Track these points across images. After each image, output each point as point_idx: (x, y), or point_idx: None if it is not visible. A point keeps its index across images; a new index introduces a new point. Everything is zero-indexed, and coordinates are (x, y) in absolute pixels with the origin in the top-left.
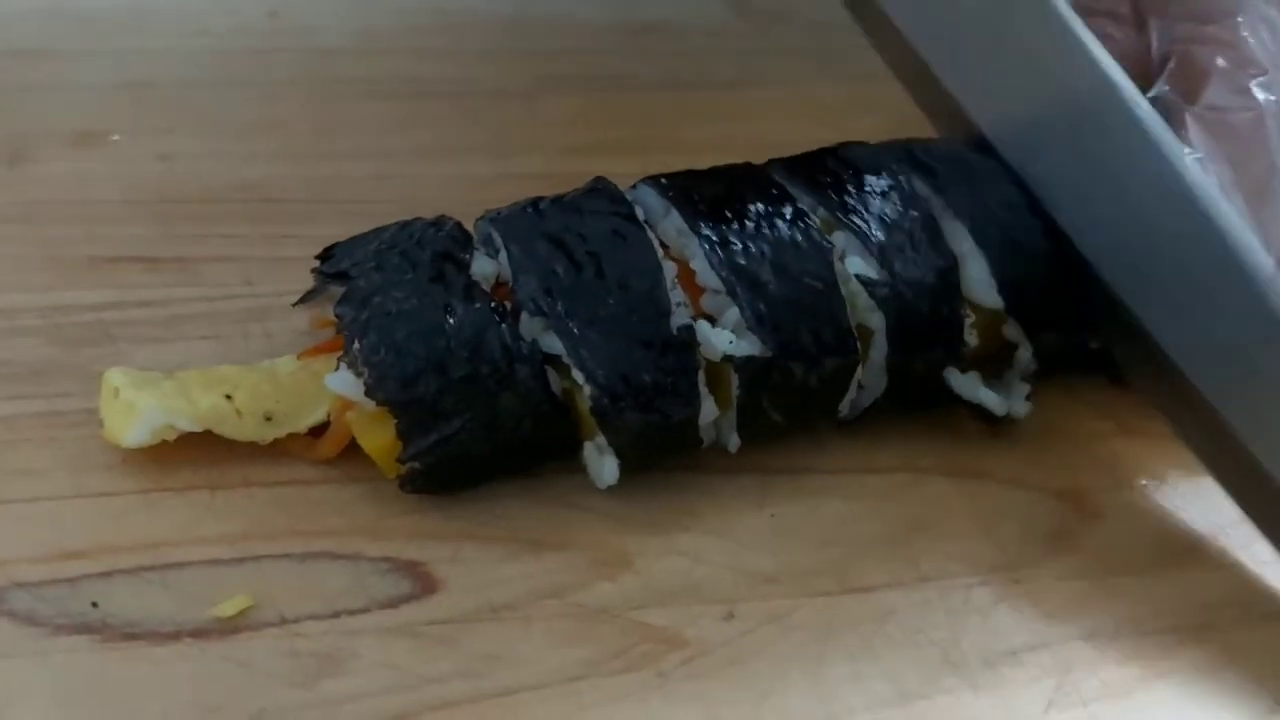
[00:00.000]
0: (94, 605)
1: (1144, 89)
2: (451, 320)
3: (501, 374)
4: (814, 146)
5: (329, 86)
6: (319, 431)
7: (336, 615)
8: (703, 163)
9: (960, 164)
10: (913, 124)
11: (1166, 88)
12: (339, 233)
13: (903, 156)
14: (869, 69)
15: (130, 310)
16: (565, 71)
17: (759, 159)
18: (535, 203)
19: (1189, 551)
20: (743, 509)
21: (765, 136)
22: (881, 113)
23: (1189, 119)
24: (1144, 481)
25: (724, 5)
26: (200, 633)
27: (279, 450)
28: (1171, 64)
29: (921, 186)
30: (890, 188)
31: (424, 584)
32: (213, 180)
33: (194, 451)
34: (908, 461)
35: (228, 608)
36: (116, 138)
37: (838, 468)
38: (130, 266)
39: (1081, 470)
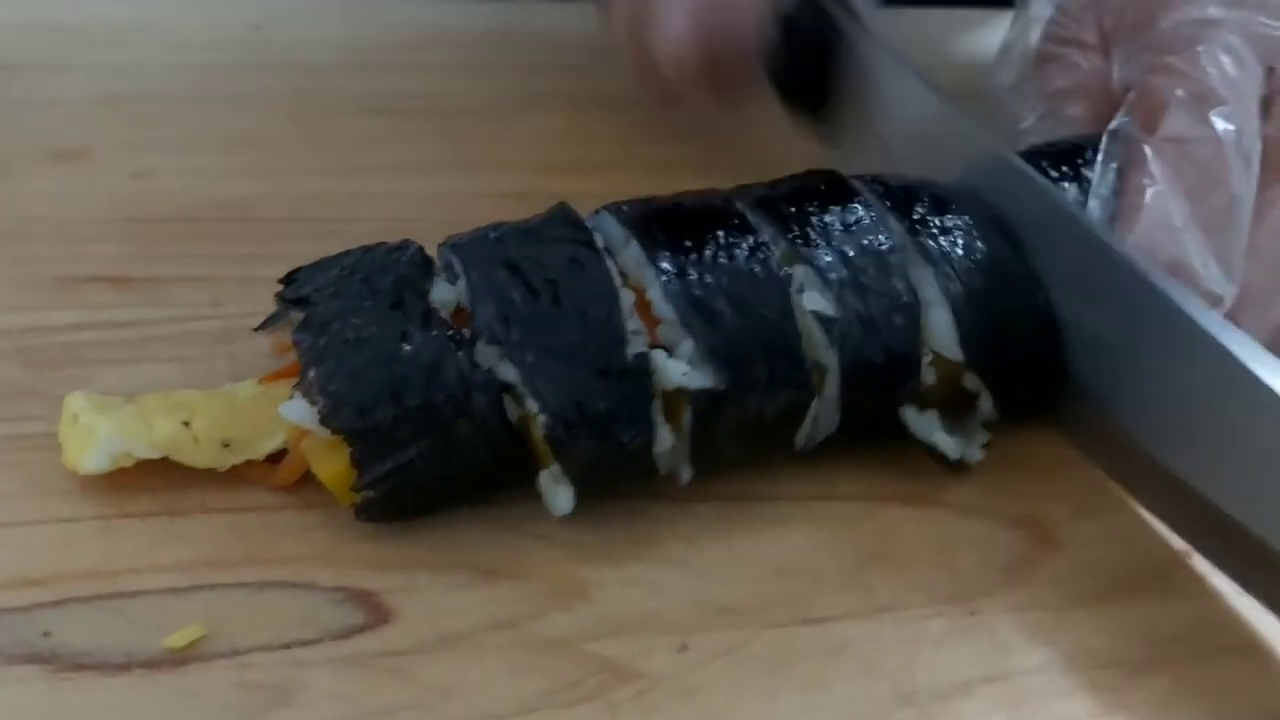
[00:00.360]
0: (45, 634)
1: (1108, 119)
2: (408, 348)
3: (458, 402)
4: (792, 165)
5: (310, 102)
6: (280, 457)
7: (288, 646)
8: (681, 181)
9: (941, 207)
10: None
11: (1126, 119)
12: (312, 252)
13: (880, 192)
14: None
15: (100, 331)
16: (549, 88)
17: (736, 178)
18: (495, 229)
19: (1147, 583)
20: (702, 538)
21: (744, 155)
22: None
23: (1148, 150)
24: (1104, 511)
25: None
26: (151, 663)
27: (238, 477)
28: (1132, 94)
29: (895, 224)
30: (858, 222)
31: (377, 614)
32: (188, 198)
33: (154, 477)
34: (867, 490)
35: (179, 638)
36: (95, 154)
37: (797, 496)
38: (101, 287)
39: (1041, 499)
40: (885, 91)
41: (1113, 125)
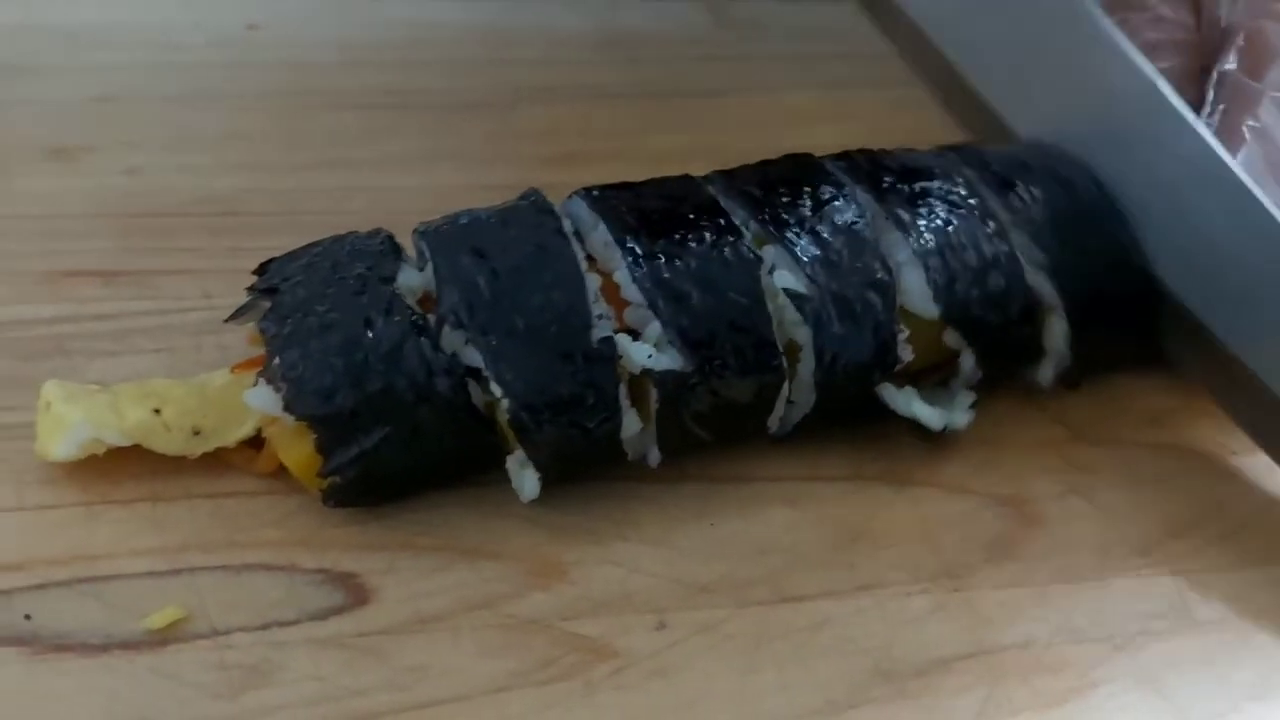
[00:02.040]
0: (27, 618)
1: (1199, 70)
2: (370, 334)
3: (420, 387)
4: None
5: (303, 99)
6: (263, 444)
7: (267, 627)
8: (676, 172)
9: (912, 172)
10: (884, 131)
11: (1232, 65)
12: (299, 245)
13: (848, 167)
14: (844, 77)
15: (85, 324)
16: (543, 82)
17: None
18: (467, 214)
19: (1131, 560)
20: (683, 518)
21: (737, 145)
22: (855, 120)
23: (1261, 94)
24: (1092, 489)
25: (705, 15)
26: (130, 645)
27: (222, 463)
28: (1240, 40)
29: (864, 196)
30: (829, 200)
31: (356, 595)
32: (178, 194)
33: (138, 464)
34: (853, 469)
35: (158, 620)
36: (89, 153)
37: (782, 475)
38: (88, 281)
39: (1028, 477)
40: None
41: (1222, 67)
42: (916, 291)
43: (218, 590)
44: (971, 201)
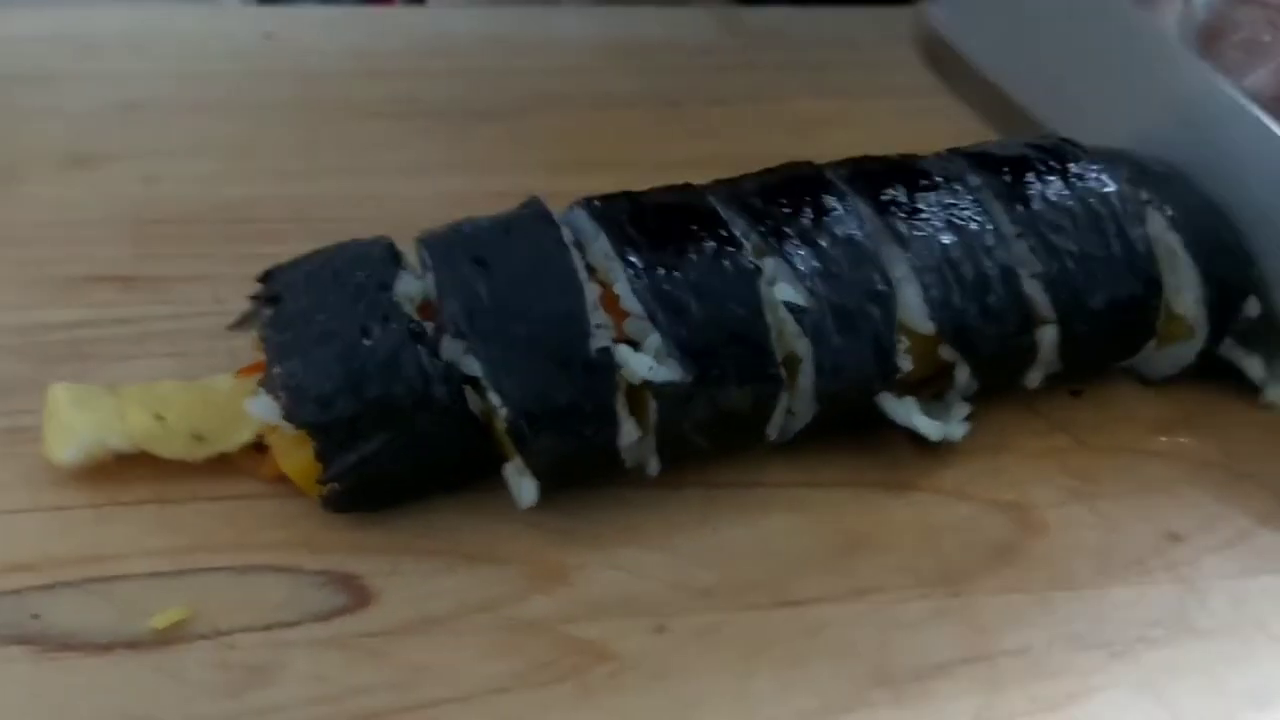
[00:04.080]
0: (35, 617)
1: None
2: (368, 342)
3: (418, 394)
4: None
5: (318, 107)
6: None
7: (269, 628)
8: (684, 179)
9: (915, 182)
10: (895, 138)
11: None
12: (309, 251)
13: (851, 175)
14: (853, 85)
15: (102, 328)
16: (555, 91)
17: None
18: (469, 223)
19: (1131, 567)
20: (685, 523)
21: (747, 152)
22: (862, 128)
23: None
24: (1093, 496)
25: (717, 25)
26: (135, 644)
27: (229, 466)
28: None
29: (865, 210)
30: (830, 212)
31: (359, 597)
32: (193, 201)
33: (146, 467)
34: (853, 475)
35: (162, 619)
36: (108, 160)
37: (782, 481)
38: (105, 286)
39: (1030, 484)
40: None
41: None
42: (913, 307)
43: (222, 591)
44: (971, 212)
